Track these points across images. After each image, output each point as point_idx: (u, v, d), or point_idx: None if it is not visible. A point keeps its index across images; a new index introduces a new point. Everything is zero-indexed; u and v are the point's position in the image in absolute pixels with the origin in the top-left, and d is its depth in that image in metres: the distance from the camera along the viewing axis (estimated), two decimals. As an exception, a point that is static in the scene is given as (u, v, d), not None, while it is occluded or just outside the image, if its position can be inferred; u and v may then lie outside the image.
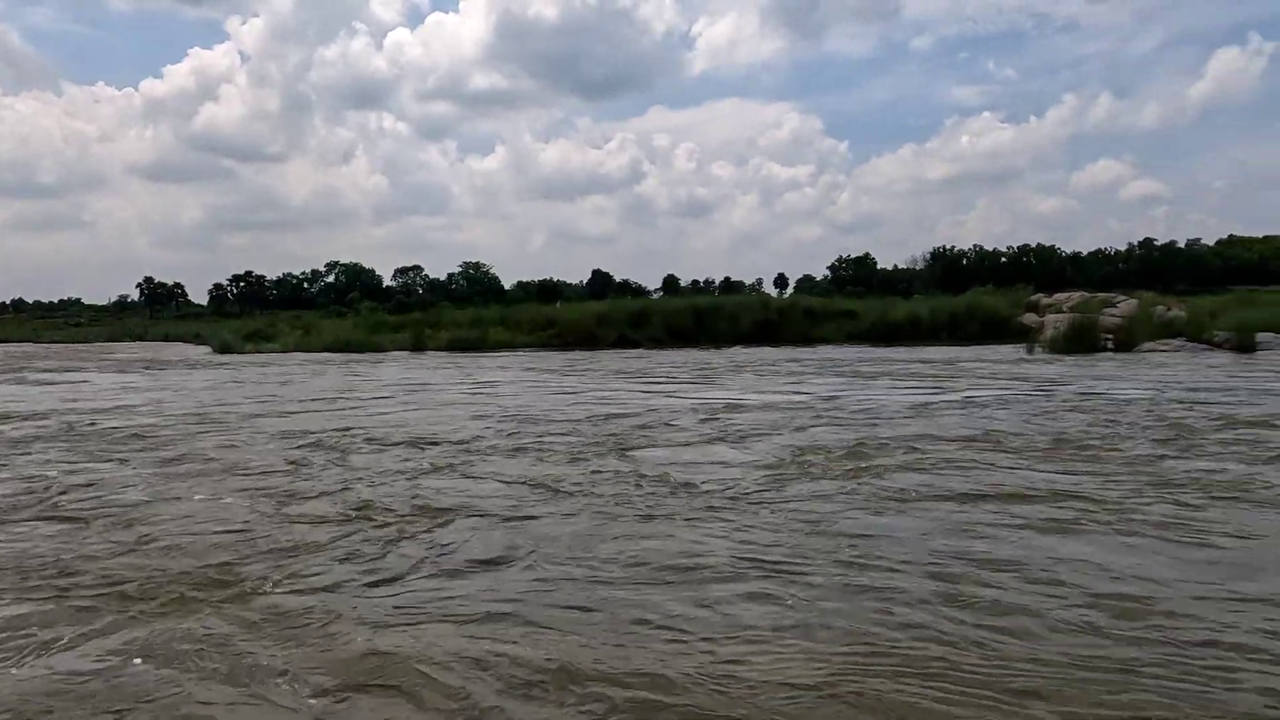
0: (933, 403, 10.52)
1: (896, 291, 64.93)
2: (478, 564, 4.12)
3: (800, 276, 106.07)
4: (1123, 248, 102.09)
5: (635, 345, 28.56)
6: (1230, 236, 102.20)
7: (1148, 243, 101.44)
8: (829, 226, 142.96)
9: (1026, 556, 4.11)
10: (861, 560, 4.08)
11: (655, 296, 69.91)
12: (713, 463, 6.69)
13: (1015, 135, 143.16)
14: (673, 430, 8.53)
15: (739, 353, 23.94)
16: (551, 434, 8.36)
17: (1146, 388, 11.84)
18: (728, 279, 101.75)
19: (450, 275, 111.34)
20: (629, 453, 7.20)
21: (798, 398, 11.40)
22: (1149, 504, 5.07)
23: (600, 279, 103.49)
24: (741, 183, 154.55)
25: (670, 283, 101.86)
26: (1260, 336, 19.96)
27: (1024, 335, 24.07)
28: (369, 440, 8.04)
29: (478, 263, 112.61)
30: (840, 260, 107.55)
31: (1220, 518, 4.73)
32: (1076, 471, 6.08)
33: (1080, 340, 21.00)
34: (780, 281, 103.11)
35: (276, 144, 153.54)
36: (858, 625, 3.31)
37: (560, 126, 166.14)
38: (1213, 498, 5.22)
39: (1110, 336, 21.59)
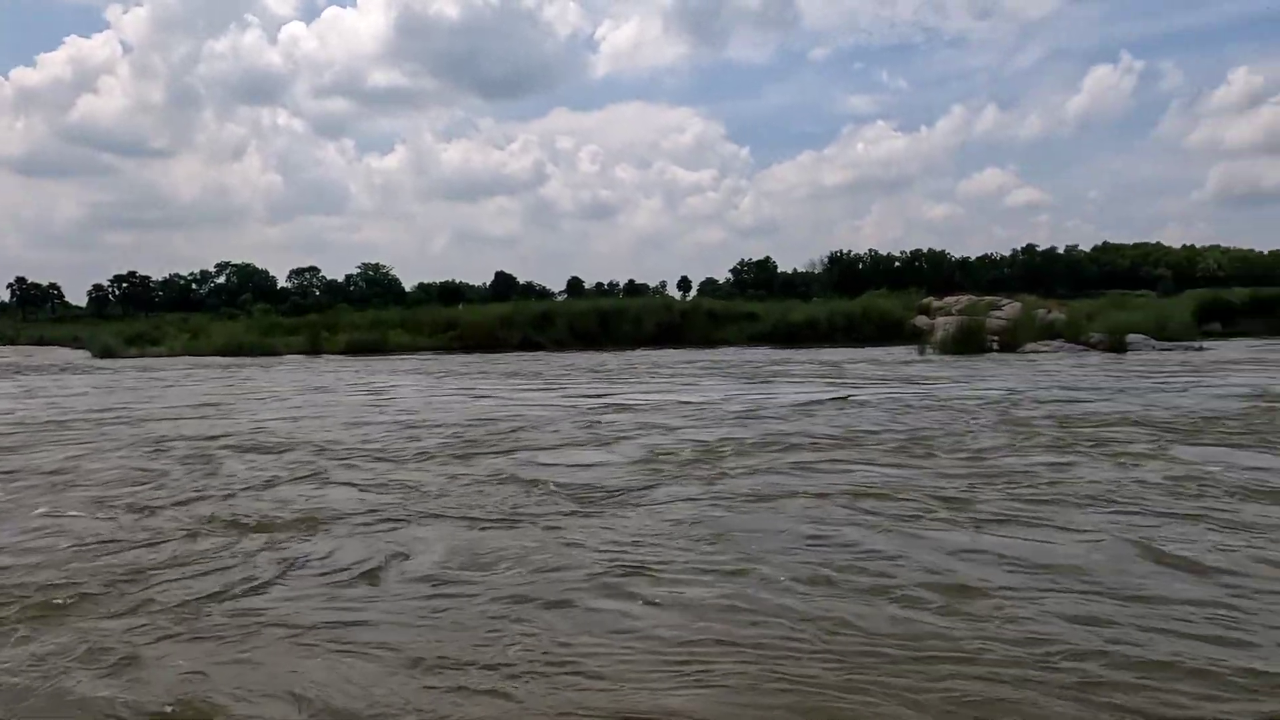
0: (815, 403, 10.72)
1: (796, 294, 66.28)
2: (329, 575, 3.92)
3: (703, 279, 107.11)
4: (1008, 253, 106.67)
5: (539, 348, 28.32)
6: (1105, 243, 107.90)
7: (1030, 248, 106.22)
8: (731, 230, 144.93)
9: (871, 549, 4.24)
10: (716, 556, 4.12)
11: (559, 299, 69.60)
12: (583, 465, 6.64)
13: (908, 144, 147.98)
14: (552, 433, 8.45)
15: (642, 355, 23.98)
16: (431, 437, 8.17)
17: (1016, 387, 12.33)
18: (632, 281, 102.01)
19: (349, 276, 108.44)
20: (504, 455, 7.09)
21: (688, 399, 11.47)
22: (983, 499, 5.26)
23: (504, 281, 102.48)
24: (645, 186, 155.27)
25: (574, 285, 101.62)
26: (1130, 337, 21.12)
27: (917, 337, 24.82)
28: (238, 447, 7.66)
29: (377, 264, 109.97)
30: (742, 263, 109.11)
31: (1045, 513, 4.91)
32: (922, 468, 6.28)
33: (968, 342, 21.78)
34: (684, 284, 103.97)
35: (162, 139, 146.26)
36: (707, 619, 3.34)
37: (462, 126, 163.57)
38: (1039, 493, 5.43)
39: (996, 338, 22.44)
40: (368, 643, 3.14)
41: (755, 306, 33.89)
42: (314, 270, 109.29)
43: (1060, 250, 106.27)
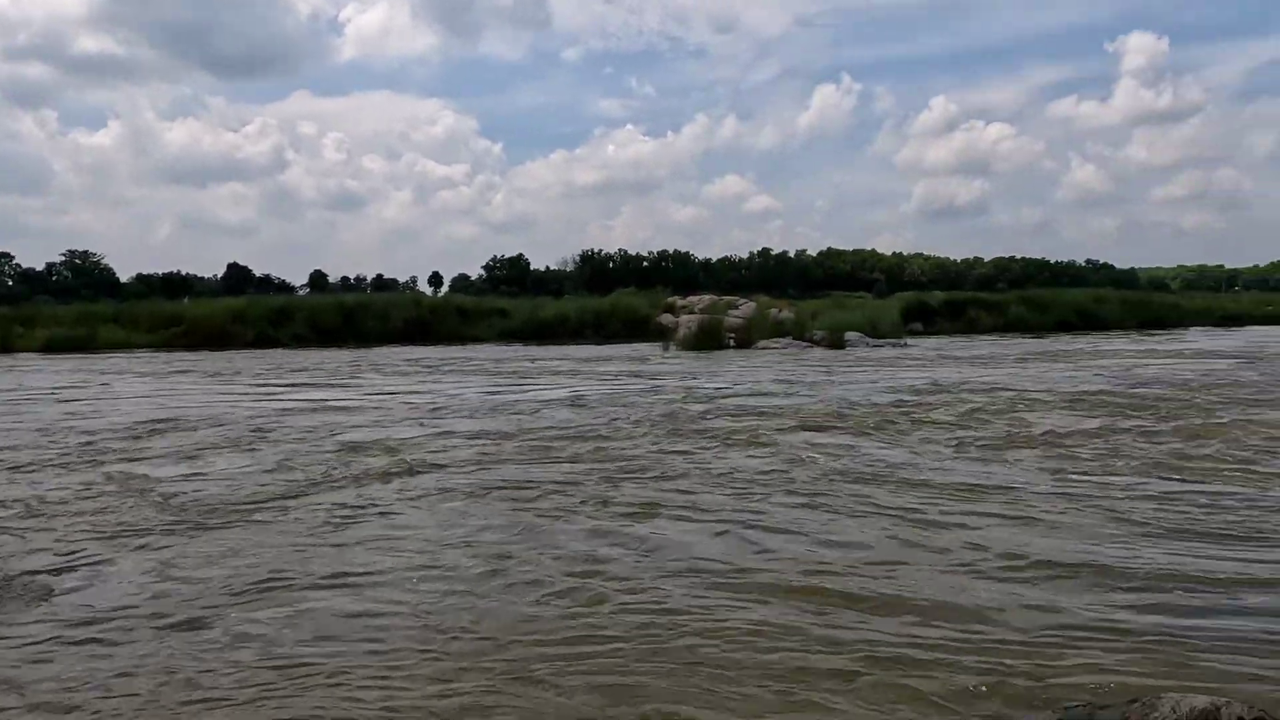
0: (518, 400, 11.07)
1: (549, 291, 66.71)
2: None
3: (456, 275, 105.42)
4: (746, 255, 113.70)
5: (277, 344, 26.51)
6: (829, 249, 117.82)
7: (766, 252, 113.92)
8: (484, 226, 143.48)
9: (498, 540, 4.69)
10: (350, 570, 4.24)
11: (301, 293, 65.67)
12: (220, 472, 6.59)
13: (656, 148, 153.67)
14: (211, 435, 8.27)
15: (386, 352, 23.12)
16: (68, 445, 7.76)
17: (730, 383, 13.27)
18: (380, 276, 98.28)
19: (51, 265, 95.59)
20: (135, 463, 6.93)
21: (405, 398, 11.43)
22: (613, 491, 5.83)
23: (238, 273, 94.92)
24: (395, 177, 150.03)
25: (318, 279, 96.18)
26: (848, 335, 23.31)
27: (662, 334, 25.82)
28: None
29: (86, 252, 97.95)
30: (495, 260, 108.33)
31: (692, 499, 5.58)
32: (582, 461, 6.86)
33: (708, 339, 23.00)
34: (435, 280, 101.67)
35: None
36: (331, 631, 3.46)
37: (189, 104, 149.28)
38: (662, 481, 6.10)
39: (733, 335, 23.86)
40: None
41: (507, 303, 33.76)
42: (7, 257, 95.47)
43: (792, 254, 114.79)
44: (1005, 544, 4.60)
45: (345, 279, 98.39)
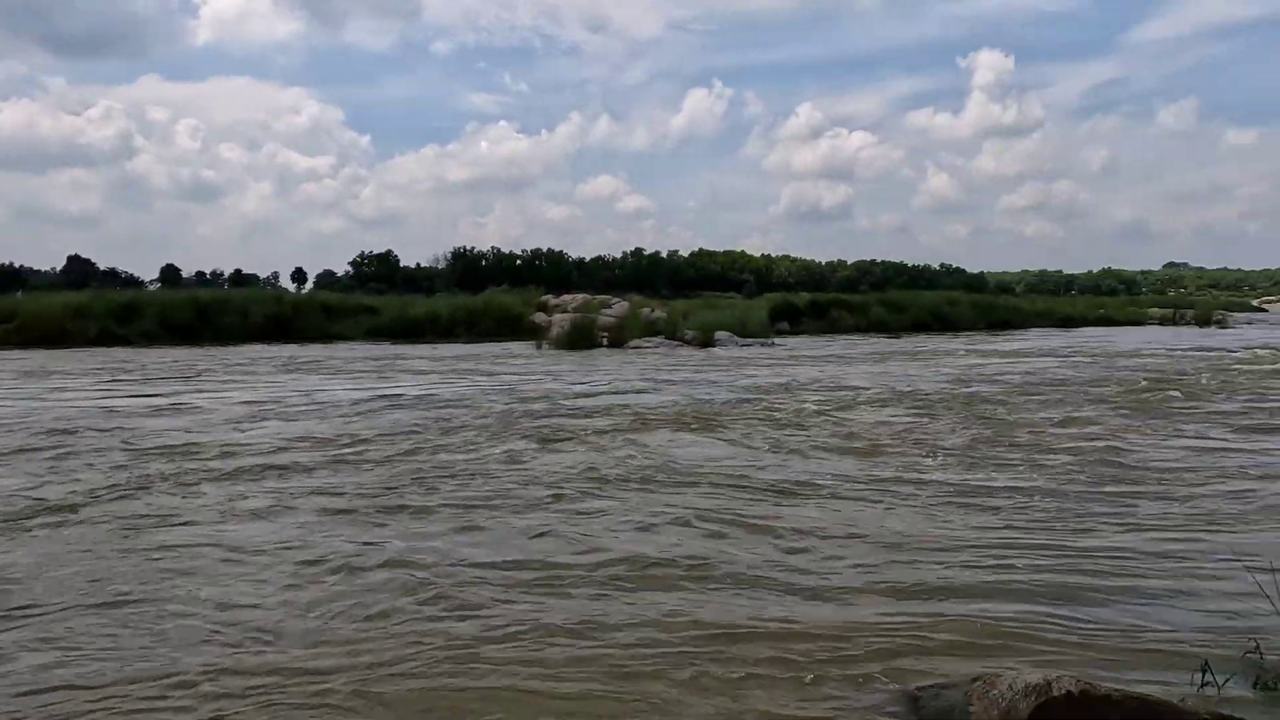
0: (364, 400, 10.95)
1: (419, 289, 65.36)
2: None
3: (321, 271, 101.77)
4: (619, 255, 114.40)
5: (124, 342, 24.92)
6: (701, 249, 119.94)
7: (639, 251, 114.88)
8: (351, 221, 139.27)
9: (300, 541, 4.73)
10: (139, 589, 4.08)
11: (152, 288, 61.88)
12: None
13: (530, 145, 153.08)
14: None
15: (245, 351, 22.09)
16: None
17: (588, 382, 13.45)
18: (239, 271, 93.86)
19: None
20: None
21: (246, 398, 11.14)
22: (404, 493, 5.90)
23: (79, 266, 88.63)
24: (255, 168, 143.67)
25: (170, 273, 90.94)
26: (718, 334, 23.88)
27: (535, 333, 25.73)
28: None
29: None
30: (363, 256, 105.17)
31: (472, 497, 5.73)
32: (393, 463, 6.89)
33: (581, 338, 23.07)
34: (299, 276, 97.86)
35: None
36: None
37: (22, 84, 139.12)
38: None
39: (606, 334, 24.01)
40: None
41: (375, 301, 32.84)
42: None
43: (664, 254, 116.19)
44: (823, 532, 4.91)
45: (201, 274, 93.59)
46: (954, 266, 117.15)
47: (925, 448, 7.59)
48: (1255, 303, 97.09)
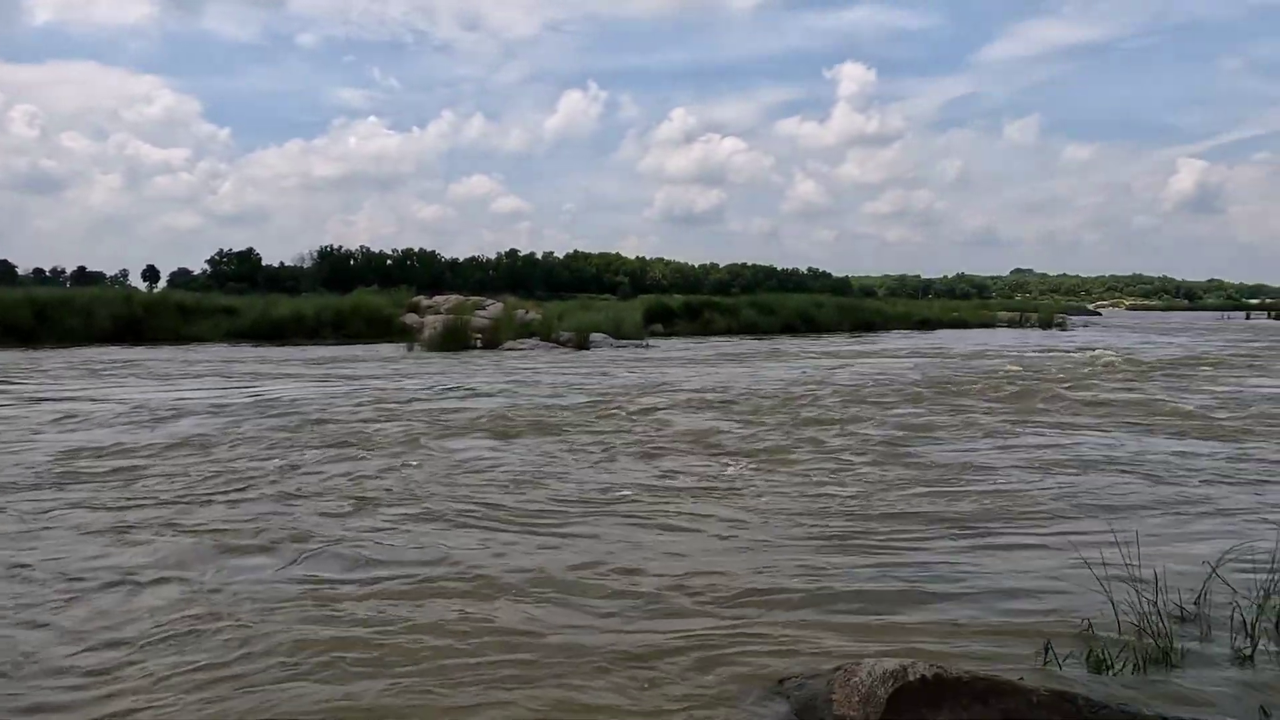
0: (180, 405, 10.59)
1: (284, 289, 62.90)
2: None
3: (175, 269, 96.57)
4: (493, 256, 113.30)
5: (-55, 345, 22.89)
6: (576, 251, 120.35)
7: (514, 253, 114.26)
8: (209, 217, 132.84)
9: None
10: None
11: (-18, 286, 57.06)
12: None
13: (401, 142, 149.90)
14: None
15: (87, 353, 20.66)
16: None
17: (439, 384, 13.27)
18: (83, 269, 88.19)
19: None
20: None
21: (55, 406, 10.45)
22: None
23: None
24: (102, 160, 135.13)
25: (5, 271, 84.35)
26: (593, 336, 23.96)
27: (406, 334, 25.16)
28: None
29: None
30: (222, 254, 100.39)
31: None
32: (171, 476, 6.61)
33: (454, 339, 22.71)
34: (150, 274, 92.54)
35: None
36: None
37: None
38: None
39: (479, 336, 23.72)
40: None
41: (235, 301, 31.35)
42: None
43: (539, 256, 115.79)
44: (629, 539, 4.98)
45: (40, 271, 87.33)
46: (821, 270, 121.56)
47: (741, 453, 7.67)
48: (1091, 306, 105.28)
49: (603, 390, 12.57)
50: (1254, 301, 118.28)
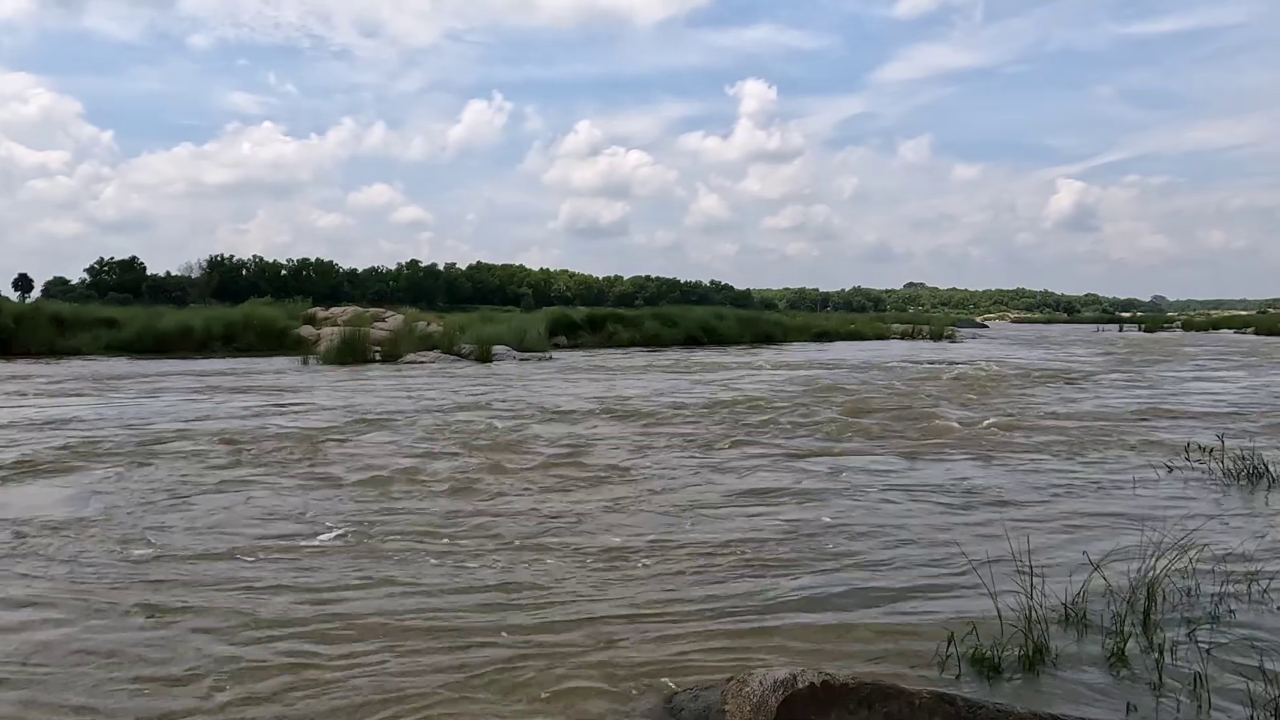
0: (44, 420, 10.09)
1: (170, 300, 60.43)
2: None
3: (51, 278, 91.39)
4: (394, 267, 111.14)
5: None
6: (479, 263, 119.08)
7: (414, 264, 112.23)
8: (90, 223, 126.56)
9: None
10: None
11: None
12: None
13: (298, 149, 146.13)
14: None
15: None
16: None
17: (311, 401, 12.77)
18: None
19: None
20: None
21: None
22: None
23: None
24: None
25: None
26: (496, 349, 23.64)
27: (303, 347, 24.43)
28: None
29: None
30: (103, 263, 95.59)
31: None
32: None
33: (351, 352, 22.11)
34: (23, 284, 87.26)
35: None
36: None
37: None
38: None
39: (379, 348, 23.16)
40: None
41: (117, 312, 29.84)
42: None
43: (441, 267, 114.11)
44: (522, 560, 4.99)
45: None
46: (724, 283, 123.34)
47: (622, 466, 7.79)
48: (979, 319, 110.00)
49: (481, 405, 12.40)
50: (1126, 315, 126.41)
